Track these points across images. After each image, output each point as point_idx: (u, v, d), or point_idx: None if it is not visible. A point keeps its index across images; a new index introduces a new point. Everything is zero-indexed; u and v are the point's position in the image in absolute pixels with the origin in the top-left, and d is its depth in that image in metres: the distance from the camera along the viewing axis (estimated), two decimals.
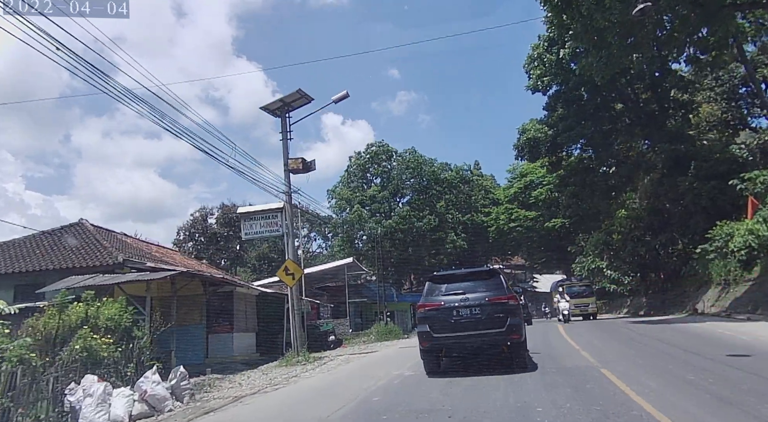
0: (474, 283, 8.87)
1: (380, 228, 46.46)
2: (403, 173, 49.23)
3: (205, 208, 56.63)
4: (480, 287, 8.73)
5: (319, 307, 24.04)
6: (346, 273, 27.59)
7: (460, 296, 8.53)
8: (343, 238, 48.94)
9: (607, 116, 27.25)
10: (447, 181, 49.69)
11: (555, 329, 19.42)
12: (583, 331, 16.65)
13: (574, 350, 11.40)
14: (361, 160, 50.14)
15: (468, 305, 8.42)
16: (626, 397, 5.97)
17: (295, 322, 14.71)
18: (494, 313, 8.35)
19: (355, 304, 33.02)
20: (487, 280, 8.94)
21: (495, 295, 8.53)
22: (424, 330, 8.60)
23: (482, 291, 8.65)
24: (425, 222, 46.74)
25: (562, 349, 12.01)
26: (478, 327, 8.33)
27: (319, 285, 33.71)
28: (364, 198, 47.81)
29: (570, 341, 13.56)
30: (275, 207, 15.09)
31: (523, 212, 45.55)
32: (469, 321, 8.36)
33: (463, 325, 8.35)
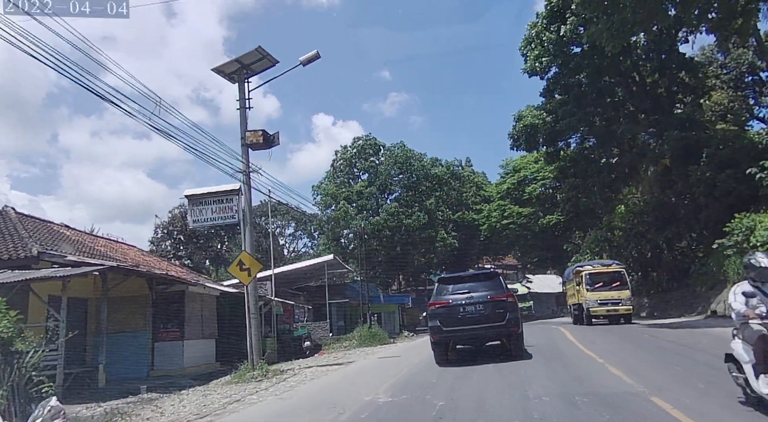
0: (477, 283, 9.96)
1: (367, 225, 43.78)
2: (391, 168, 46.57)
3: (185, 205, 53.46)
4: (482, 287, 9.75)
5: (293, 309, 21.38)
6: (327, 272, 24.88)
7: (466, 295, 9.58)
8: (328, 236, 46.16)
9: (610, 102, 24.89)
10: (437, 177, 47.15)
11: (561, 336, 16.81)
12: (597, 338, 14.07)
13: (597, 363, 8.85)
14: (347, 154, 47.41)
15: (472, 303, 9.47)
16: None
17: (251, 328, 11.97)
18: (495, 309, 9.38)
19: (338, 305, 30.28)
20: (488, 281, 10.03)
21: (496, 293, 9.58)
22: (434, 325, 9.58)
23: (484, 290, 9.67)
24: (414, 219, 44.13)
25: (583, 366, 9.38)
26: (481, 321, 9.39)
27: (299, 285, 30.90)
28: (350, 194, 45.09)
29: (588, 352, 10.96)
30: (229, 189, 12.33)
31: (517, 208, 43.10)
32: (474, 316, 9.41)
33: (468, 320, 9.40)
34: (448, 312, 9.56)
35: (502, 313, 9.43)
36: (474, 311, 9.50)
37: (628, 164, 24.35)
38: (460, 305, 9.55)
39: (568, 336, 15.47)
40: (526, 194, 43.58)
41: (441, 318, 9.56)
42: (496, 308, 9.47)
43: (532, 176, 43.01)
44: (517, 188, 44.17)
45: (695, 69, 23.81)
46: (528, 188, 43.08)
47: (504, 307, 9.51)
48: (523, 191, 43.68)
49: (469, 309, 9.51)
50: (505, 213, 43.57)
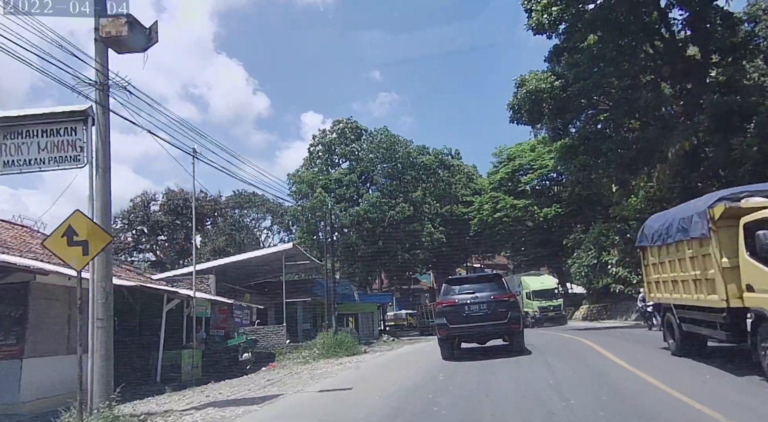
0: (481, 284, 10.73)
1: (345, 216, 38.75)
2: (374, 154, 41.60)
3: (147, 193, 47.89)
4: (486, 288, 10.47)
5: (231, 310, 16.26)
6: (284, 264, 19.79)
7: (471, 295, 10.28)
8: (303, 228, 40.99)
9: (632, 65, 20.27)
10: (424, 166, 42.26)
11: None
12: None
13: None
14: (326, 138, 42.31)
15: (477, 302, 10.12)
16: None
17: (93, 343, 6.88)
18: (498, 308, 10.00)
19: (305, 305, 25.21)
20: (491, 282, 10.85)
21: (498, 294, 10.26)
22: (442, 322, 10.26)
23: (488, 291, 10.35)
24: (398, 211, 39.20)
25: None
26: (485, 319, 9.96)
27: (258, 281, 25.74)
28: (328, 182, 40.00)
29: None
30: (68, 111, 7.26)
31: (511, 199, 38.37)
32: (478, 314, 10.01)
33: (473, 318, 10.01)
34: (454, 311, 9.99)
35: (504, 312, 9.88)
36: (478, 310, 9.89)
37: (651, 139, 19.77)
38: (466, 304, 9.98)
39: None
40: (521, 185, 38.89)
41: (448, 316, 9.99)
42: (498, 307, 9.88)
43: (528, 164, 38.32)
44: (511, 178, 39.42)
45: (735, 25, 19.30)
46: (524, 178, 38.40)
47: (506, 306, 9.98)
48: (518, 182, 38.97)
49: (473, 308, 9.92)
50: (497, 205, 38.78)
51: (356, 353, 17.84)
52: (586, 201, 36.09)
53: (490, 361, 9.79)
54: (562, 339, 16.28)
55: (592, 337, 15.22)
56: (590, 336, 15.76)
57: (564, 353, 11.15)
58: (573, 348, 12.27)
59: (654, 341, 11.58)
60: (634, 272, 27.12)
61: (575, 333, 19.21)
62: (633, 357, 9.37)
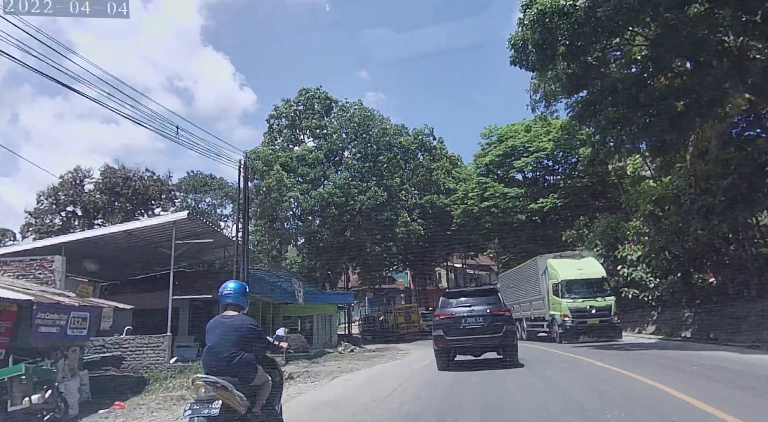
0: (478, 298, 10.58)
1: (307, 200, 32.00)
2: (345, 130, 34.97)
3: (80, 170, 40.26)
4: (483, 302, 10.39)
5: (35, 313, 9.38)
6: (174, 241, 12.91)
7: (468, 308, 10.26)
8: (258, 213, 34.05)
9: None
10: (402, 147, 35.77)
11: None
12: None
13: None
14: (290, 110, 35.46)
15: (473, 316, 10.11)
16: None
17: None
18: (494, 322, 9.98)
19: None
20: (488, 296, 10.71)
21: (494, 308, 10.23)
22: (439, 334, 10.27)
23: (484, 305, 10.29)
24: (369, 196, 32.66)
25: None
26: (481, 333, 9.99)
27: (161, 271, 18.70)
28: (289, 160, 33.21)
29: None
30: None
31: (501, 187, 32.10)
32: (474, 327, 10.02)
33: (469, 330, 10.02)
34: (451, 323, 10.05)
35: (500, 326, 9.88)
36: (475, 323, 9.94)
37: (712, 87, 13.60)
38: (463, 317, 10.05)
39: None
40: (513, 171, 32.63)
41: (445, 328, 10.04)
42: (494, 321, 9.90)
43: (523, 146, 32.07)
44: (502, 163, 33.13)
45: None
46: (517, 162, 32.13)
47: (501, 320, 10.02)
48: (511, 167, 32.71)
49: (470, 321, 9.97)
50: (485, 193, 32.42)
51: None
52: (590, 190, 30.03)
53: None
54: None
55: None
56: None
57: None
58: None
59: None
60: (655, 275, 21.07)
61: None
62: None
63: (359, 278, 47.92)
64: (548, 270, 20.11)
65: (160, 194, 42.20)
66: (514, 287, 25.31)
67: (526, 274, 23.68)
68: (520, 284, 24.36)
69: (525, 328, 22.91)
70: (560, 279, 18.79)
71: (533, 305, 22.11)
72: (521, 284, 24.25)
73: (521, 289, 24.15)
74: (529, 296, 22.77)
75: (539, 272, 21.05)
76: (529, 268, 23.13)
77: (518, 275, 25.12)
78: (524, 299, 23.44)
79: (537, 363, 11.10)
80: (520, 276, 24.70)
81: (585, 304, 17.87)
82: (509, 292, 24.71)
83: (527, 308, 23.08)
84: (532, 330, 22.31)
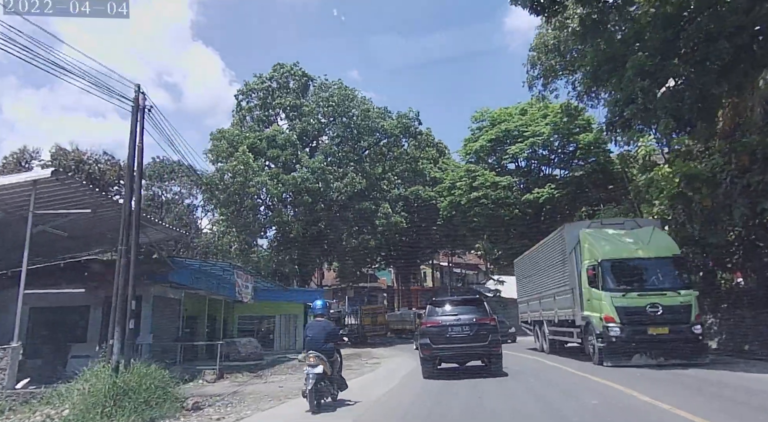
0: (464, 307, 10.44)
1: (276, 186, 28.11)
2: (322, 110, 31.16)
3: (27, 151, 35.73)
4: (469, 311, 10.25)
5: None
6: (33, 210, 8.93)
7: (454, 317, 10.14)
8: (217, 199, 30.04)
9: None
10: (385, 131, 32.06)
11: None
12: None
13: None
14: (262, 85, 31.50)
15: (460, 324, 9.97)
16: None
17: None
18: (480, 331, 9.88)
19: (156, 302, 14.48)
20: (474, 305, 10.53)
21: (480, 317, 10.09)
22: (425, 342, 10.09)
23: (471, 314, 10.16)
24: (347, 183, 28.91)
25: None
26: (467, 341, 9.86)
27: (62, 258, 14.72)
28: (257, 141, 29.27)
29: None
30: None
31: (492, 175, 28.62)
32: (460, 336, 9.88)
33: (455, 339, 9.87)
34: (437, 331, 9.91)
35: (485, 335, 9.86)
36: (461, 332, 9.85)
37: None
38: (449, 325, 9.93)
39: None
40: (506, 158, 29.15)
41: (431, 337, 9.93)
42: (480, 330, 9.84)
43: (517, 130, 28.63)
44: (493, 149, 29.66)
45: None
46: (511, 148, 28.66)
47: (487, 329, 9.91)
48: (504, 154, 29.23)
49: (456, 330, 9.87)
50: (474, 182, 28.89)
51: (159, 417, 7.35)
52: (591, 179, 26.70)
53: None
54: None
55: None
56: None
57: None
58: None
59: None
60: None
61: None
62: None
63: (337, 275, 44.15)
64: (581, 247, 12.21)
65: (118, 179, 37.82)
66: (533, 276, 17.63)
67: (547, 254, 15.51)
68: (540, 270, 16.52)
69: (546, 335, 15.80)
70: (600, 259, 11.31)
71: (558, 302, 14.16)
72: (541, 270, 16.37)
73: (541, 277, 16.31)
74: (551, 287, 14.97)
75: (566, 249, 13.10)
76: (552, 245, 14.81)
77: (538, 257, 16.89)
78: (546, 292, 15.65)
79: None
80: (539, 258, 16.61)
81: (644, 302, 10.69)
82: (527, 283, 18.29)
83: (550, 305, 15.08)
84: (556, 338, 15.08)
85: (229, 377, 12.88)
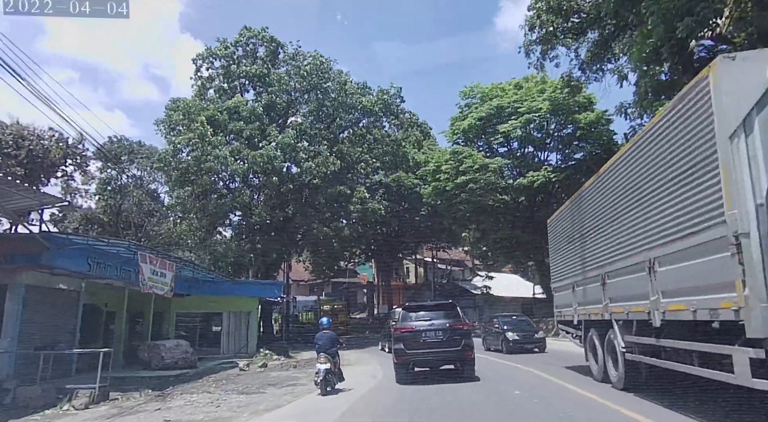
0: (438, 312, 10.38)
1: (236, 163, 24.24)
2: (294, 81, 27.30)
3: None
4: (442, 316, 10.20)
5: None
6: None
7: (428, 322, 10.06)
8: (173, 179, 26.00)
9: None
10: (365, 109, 28.36)
11: None
12: None
13: None
14: (225, 51, 27.46)
15: (433, 329, 9.90)
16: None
17: None
18: (453, 336, 9.82)
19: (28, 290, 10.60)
20: (448, 310, 10.46)
21: (454, 322, 10.06)
22: (399, 347, 9.99)
23: (444, 319, 10.12)
24: (319, 163, 25.15)
25: None
26: (440, 346, 9.80)
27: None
28: (218, 113, 25.29)
29: None
30: None
31: (480, 157, 25.16)
32: (434, 341, 9.82)
33: (429, 344, 9.80)
34: (411, 337, 9.89)
35: (458, 340, 9.80)
36: (434, 337, 9.82)
37: None
38: (423, 331, 9.88)
39: None
40: (499, 137, 25.68)
41: (405, 342, 9.90)
42: (453, 335, 9.81)
43: (511, 107, 25.18)
44: (484, 128, 26.19)
45: None
46: (503, 126, 25.19)
47: (460, 334, 9.87)
48: (495, 132, 25.74)
49: (430, 335, 9.83)
50: (461, 166, 25.38)
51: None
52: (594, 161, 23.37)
53: None
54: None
55: None
56: None
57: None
58: None
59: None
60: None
61: None
62: None
63: (312, 268, 40.34)
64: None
65: (64, 158, 33.32)
66: (590, 233, 9.08)
67: (645, 166, 6.57)
68: (616, 213, 7.65)
69: (617, 352, 7.73)
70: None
71: (667, 277, 6.00)
72: (618, 213, 7.51)
73: (616, 227, 7.65)
74: (645, 240, 6.51)
75: (722, 127, 4.72)
76: (667, 134, 5.92)
77: (612, 185, 7.83)
78: (626, 256, 7.26)
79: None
80: (615, 186, 7.66)
81: None
82: (573, 251, 10.19)
83: (633, 287, 6.96)
84: (643, 359, 6.91)
85: (120, 397, 9.09)
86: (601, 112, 24.42)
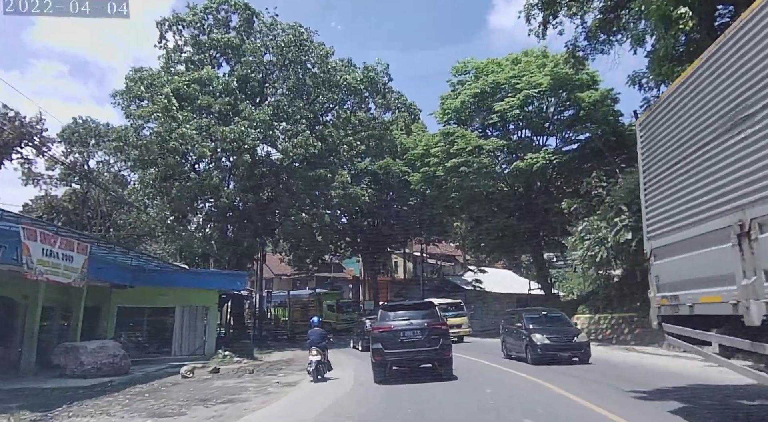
0: (416, 312, 10.39)
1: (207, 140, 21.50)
2: (270, 54, 24.56)
3: None
4: (420, 316, 10.21)
5: None
6: None
7: (406, 321, 10.05)
8: (134, 159, 23.15)
9: None
10: (349, 88, 25.71)
11: None
12: None
13: None
14: (194, 17, 24.58)
15: (411, 329, 9.87)
16: None
17: None
18: (431, 335, 9.80)
19: None
20: (426, 310, 10.47)
21: (432, 322, 10.03)
22: (377, 347, 9.89)
23: (422, 318, 10.11)
24: (299, 143, 22.50)
25: None
26: (418, 346, 9.78)
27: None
28: (184, 86, 22.46)
29: None
30: None
31: (473, 137, 22.67)
32: (412, 340, 9.80)
33: (407, 343, 9.77)
34: (389, 336, 9.88)
35: (436, 339, 9.81)
36: (412, 336, 9.82)
37: None
38: (401, 330, 9.87)
39: None
40: (494, 116, 23.18)
41: (383, 341, 9.87)
42: (431, 334, 9.81)
43: (508, 83, 22.70)
44: (478, 107, 23.69)
45: None
46: (499, 104, 22.70)
47: (438, 334, 9.88)
48: (491, 112, 23.23)
49: (408, 334, 9.83)
50: (453, 148, 22.87)
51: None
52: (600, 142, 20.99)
53: None
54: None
55: None
56: None
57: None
58: None
59: None
60: None
61: None
62: None
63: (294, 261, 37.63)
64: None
65: (20, 140, 30.12)
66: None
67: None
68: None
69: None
70: None
71: None
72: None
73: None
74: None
75: None
76: None
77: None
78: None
79: None
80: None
81: None
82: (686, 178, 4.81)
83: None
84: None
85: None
86: (606, 90, 22.10)
